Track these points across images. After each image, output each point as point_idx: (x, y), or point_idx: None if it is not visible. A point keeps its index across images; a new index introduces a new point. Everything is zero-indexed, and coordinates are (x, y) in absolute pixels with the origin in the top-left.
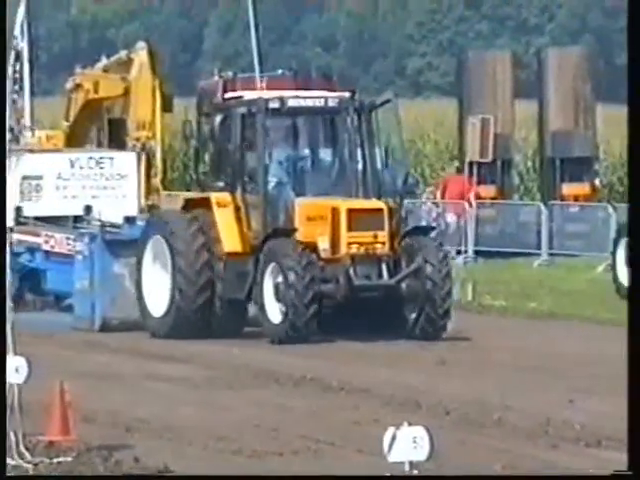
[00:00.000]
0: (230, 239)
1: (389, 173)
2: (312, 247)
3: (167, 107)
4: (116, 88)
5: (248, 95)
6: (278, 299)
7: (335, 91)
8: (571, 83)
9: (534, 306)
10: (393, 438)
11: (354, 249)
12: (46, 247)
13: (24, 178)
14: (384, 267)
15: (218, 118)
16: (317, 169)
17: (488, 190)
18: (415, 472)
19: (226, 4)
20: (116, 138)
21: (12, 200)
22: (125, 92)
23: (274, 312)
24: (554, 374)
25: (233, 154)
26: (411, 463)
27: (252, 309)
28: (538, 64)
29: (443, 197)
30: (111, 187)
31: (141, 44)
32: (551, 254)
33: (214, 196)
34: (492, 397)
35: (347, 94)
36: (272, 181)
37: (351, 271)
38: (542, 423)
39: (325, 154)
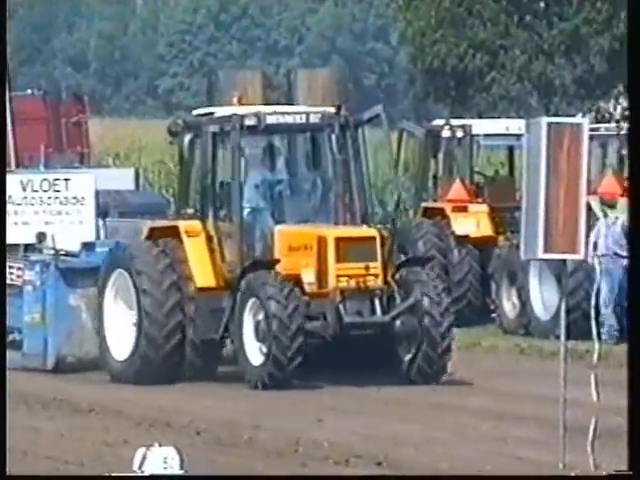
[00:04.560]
0: (202, 273)
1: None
2: (295, 280)
3: None
4: None
5: (220, 111)
6: (259, 338)
7: (84, 112)
8: (320, 104)
9: None
10: (144, 458)
11: (343, 282)
12: None
13: None
14: (377, 302)
15: (187, 138)
16: (298, 193)
17: None
18: None
19: None
20: None
21: None
22: None
23: (254, 353)
24: (305, 394)
25: (204, 177)
26: None
27: (227, 347)
28: (288, 85)
29: None
30: (66, 212)
31: None
32: None
33: (183, 224)
34: (243, 418)
35: (331, 109)
36: (248, 207)
37: (341, 307)
38: (292, 442)
39: (307, 176)
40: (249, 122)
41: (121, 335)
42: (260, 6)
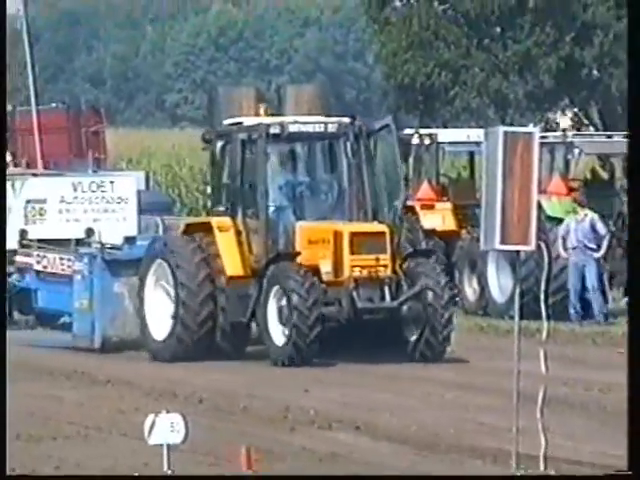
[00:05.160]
0: (232, 263)
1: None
2: (314, 270)
3: None
4: None
5: (248, 121)
6: (282, 322)
7: (101, 122)
8: (306, 115)
9: None
10: (153, 424)
11: (357, 272)
12: (38, 267)
13: (28, 202)
14: (386, 290)
15: (219, 144)
16: (316, 193)
17: None
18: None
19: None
20: None
21: (17, 223)
22: None
23: (277, 334)
24: (293, 368)
25: (233, 179)
26: (169, 445)
27: (254, 329)
28: (278, 99)
29: None
30: (112, 210)
31: None
32: None
33: (215, 220)
34: (239, 388)
35: (347, 120)
36: (272, 205)
37: (354, 294)
38: (282, 410)
39: (324, 178)
40: (274, 130)
41: (160, 318)
42: (254, 31)
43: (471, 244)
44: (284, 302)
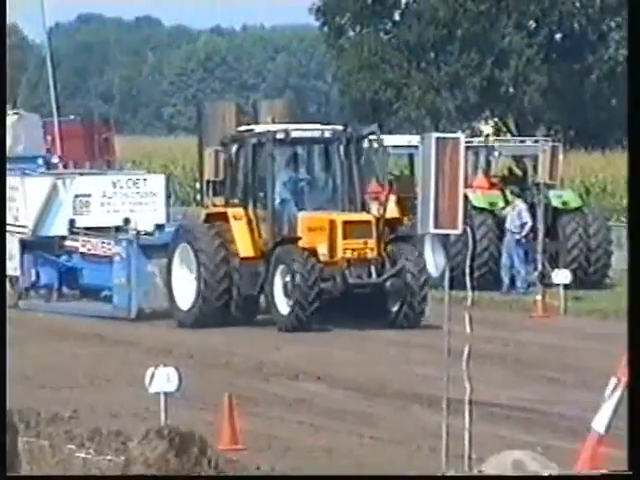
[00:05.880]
0: (244, 246)
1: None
2: (313, 252)
3: None
4: None
5: (258, 128)
6: (286, 295)
7: (111, 131)
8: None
9: None
10: (152, 376)
11: (348, 254)
12: (83, 250)
13: (76, 196)
14: (373, 268)
15: (234, 147)
16: (315, 188)
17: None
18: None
19: (33, 68)
20: None
21: (67, 214)
22: None
23: (283, 305)
24: (265, 329)
25: (246, 176)
26: (166, 393)
27: (263, 301)
28: (254, 112)
29: None
30: (145, 203)
31: None
32: None
33: (230, 211)
34: (222, 346)
35: (340, 127)
36: (278, 198)
37: (346, 272)
38: (258, 363)
39: (321, 176)
40: (279, 136)
41: (184, 292)
42: (235, 56)
43: (411, 229)
44: (288, 278)
